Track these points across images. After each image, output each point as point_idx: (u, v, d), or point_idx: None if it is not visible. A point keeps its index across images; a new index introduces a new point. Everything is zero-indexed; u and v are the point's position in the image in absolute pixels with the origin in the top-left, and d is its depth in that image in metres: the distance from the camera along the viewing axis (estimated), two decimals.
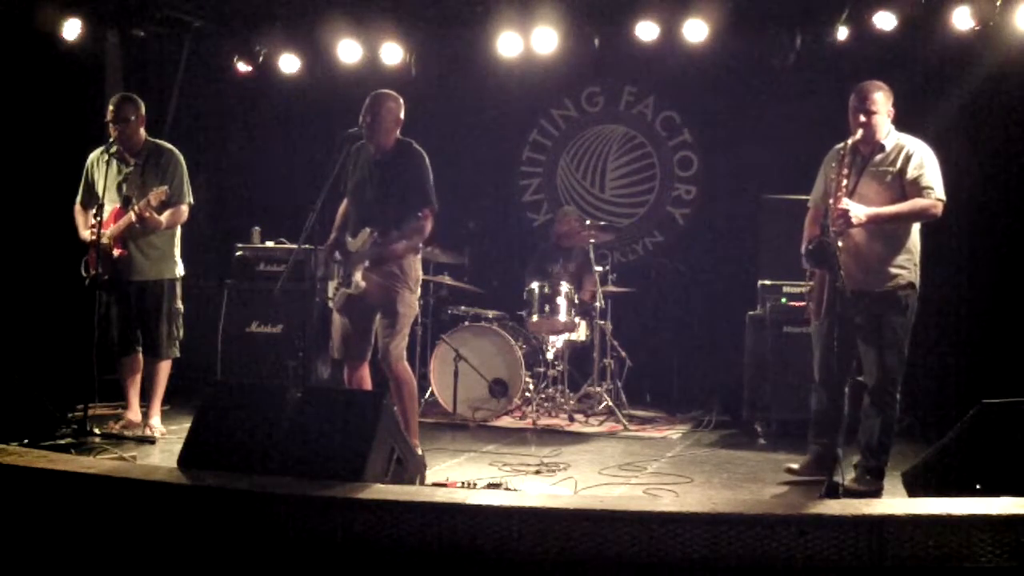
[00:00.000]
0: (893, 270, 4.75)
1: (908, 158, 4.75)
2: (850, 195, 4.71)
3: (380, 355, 5.20)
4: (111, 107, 5.81)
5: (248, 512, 3.68)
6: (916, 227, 4.85)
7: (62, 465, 4.05)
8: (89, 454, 5.04)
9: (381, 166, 5.23)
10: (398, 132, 5.26)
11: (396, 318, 5.15)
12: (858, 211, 4.63)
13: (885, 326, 4.74)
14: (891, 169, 4.77)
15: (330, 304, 5.32)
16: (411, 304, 5.24)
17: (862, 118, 4.74)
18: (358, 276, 5.11)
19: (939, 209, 4.74)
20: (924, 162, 4.75)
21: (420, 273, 5.35)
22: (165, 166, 5.83)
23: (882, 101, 4.79)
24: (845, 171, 4.72)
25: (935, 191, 4.73)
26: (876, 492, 4.68)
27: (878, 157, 4.81)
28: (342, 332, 5.27)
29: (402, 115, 5.25)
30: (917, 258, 4.83)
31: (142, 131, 5.90)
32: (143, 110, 5.88)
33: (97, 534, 3.75)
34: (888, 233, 4.76)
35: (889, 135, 4.84)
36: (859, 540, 3.31)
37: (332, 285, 5.28)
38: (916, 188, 4.72)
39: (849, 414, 4.94)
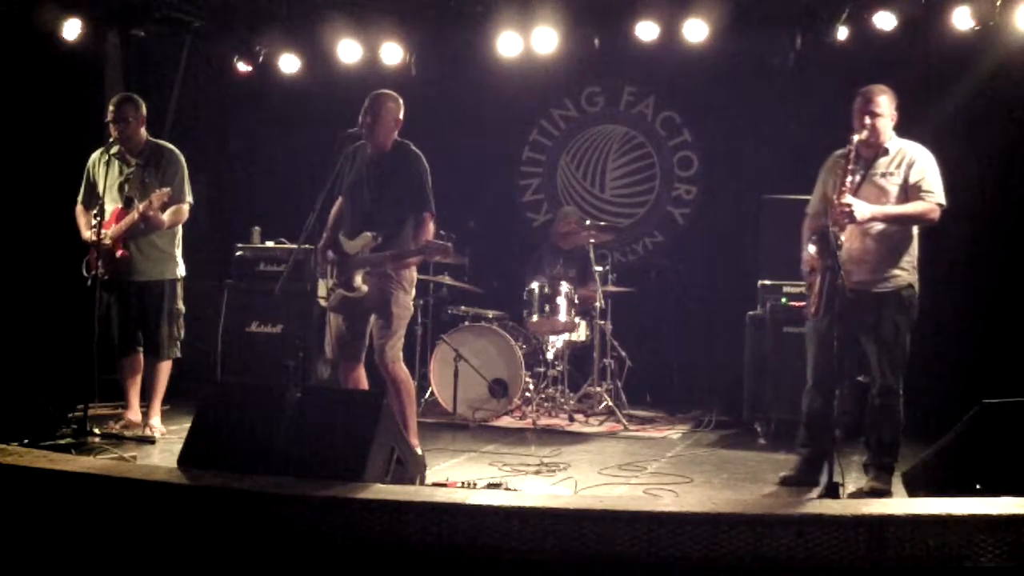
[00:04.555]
0: (895, 271, 4.81)
1: (911, 163, 4.80)
2: (853, 195, 4.74)
3: (376, 356, 5.18)
4: (111, 107, 5.81)
5: (248, 512, 3.68)
6: (915, 231, 4.89)
7: (62, 465, 4.05)
8: (89, 454, 5.04)
9: (379, 167, 5.21)
10: (397, 133, 5.26)
11: (391, 319, 5.14)
12: (861, 208, 4.67)
13: (888, 325, 4.77)
14: (893, 173, 4.81)
15: (322, 304, 5.32)
16: (406, 305, 5.23)
17: (867, 120, 4.78)
18: (359, 279, 5.10)
19: (937, 214, 4.81)
20: (926, 167, 4.81)
21: (415, 274, 5.33)
22: (165, 167, 5.83)
23: (886, 104, 4.82)
24: (851, 167, 4.75)
25: (935, 195, 4.79)
26: (886, 491, 4.68)
27: (881, 161, 4.84)
28: (336, 332, 5.26)
29: (402, 116, 5.24)
30: (916, 261, 4.89)
31: (143, 131, 5.90)
32: (143, 110, 5.88)
33: (97, 534, 3.75)
34: (889, 235, 4.80)
35: (892, 139, 4.87)
36: (859, 540, 3.31)
37: (322, 285, 5.27)
38: (916, 192, 4.78)
39: (849, 414, 4.93)
